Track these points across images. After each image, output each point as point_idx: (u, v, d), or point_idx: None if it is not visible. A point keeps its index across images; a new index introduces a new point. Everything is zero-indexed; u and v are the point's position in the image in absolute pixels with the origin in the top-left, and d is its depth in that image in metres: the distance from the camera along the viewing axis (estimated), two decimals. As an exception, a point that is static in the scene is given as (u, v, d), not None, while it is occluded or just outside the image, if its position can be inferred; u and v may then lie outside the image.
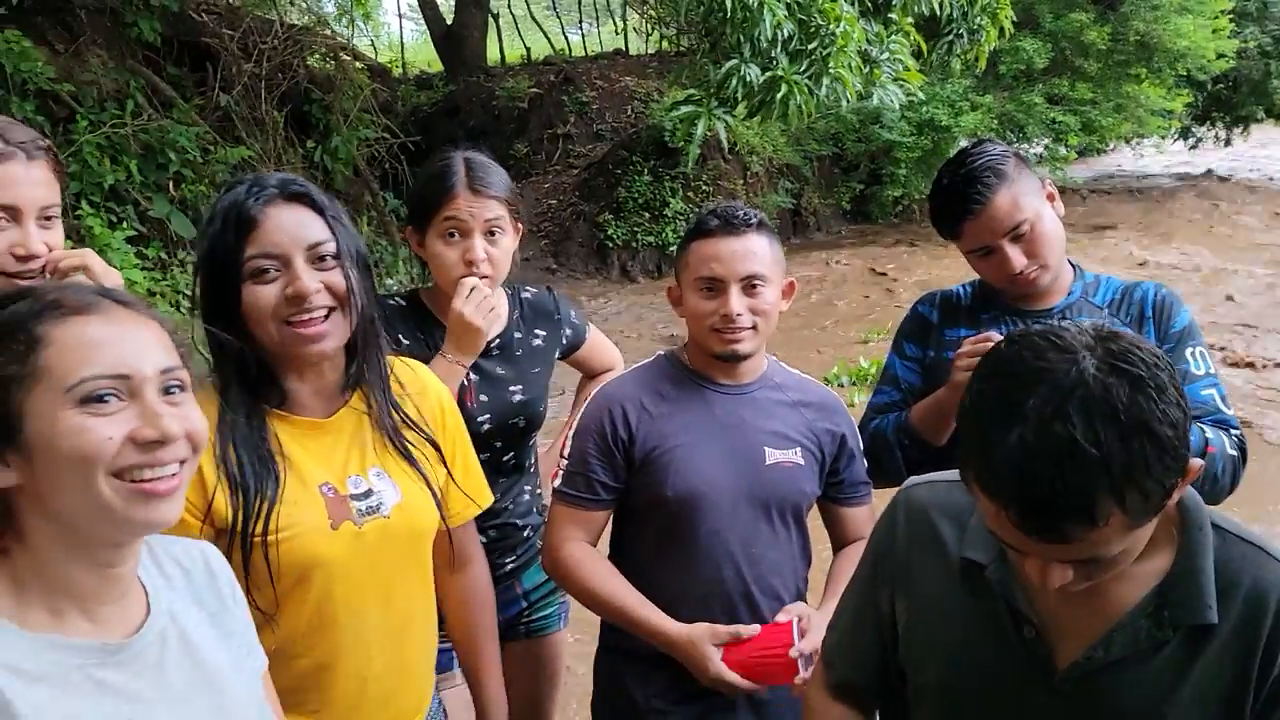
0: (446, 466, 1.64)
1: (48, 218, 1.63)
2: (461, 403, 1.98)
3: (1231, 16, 13.35)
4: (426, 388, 1.67)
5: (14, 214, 1.59)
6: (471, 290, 1.91)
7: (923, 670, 1.25)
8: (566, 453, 1.91)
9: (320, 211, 1.47)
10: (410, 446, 1.57)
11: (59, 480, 0.98)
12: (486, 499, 1.75)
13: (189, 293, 1.55)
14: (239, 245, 1.41)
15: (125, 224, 6.18)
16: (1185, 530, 1.09)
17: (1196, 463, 0.97)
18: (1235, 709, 1.06)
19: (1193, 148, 18.37)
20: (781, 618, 1.76)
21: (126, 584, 1.09)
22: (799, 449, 1.88)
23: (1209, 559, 1.07)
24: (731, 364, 1.87)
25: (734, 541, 1.82)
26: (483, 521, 1.96)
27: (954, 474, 1.22)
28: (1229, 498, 1.81)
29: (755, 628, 1.73)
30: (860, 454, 1.98)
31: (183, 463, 1.02)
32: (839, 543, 2.01)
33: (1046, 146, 13.07)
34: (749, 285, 1.79)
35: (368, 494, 1.50)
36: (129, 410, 0.98)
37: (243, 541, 1.38)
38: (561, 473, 1.90)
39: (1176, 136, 16.85)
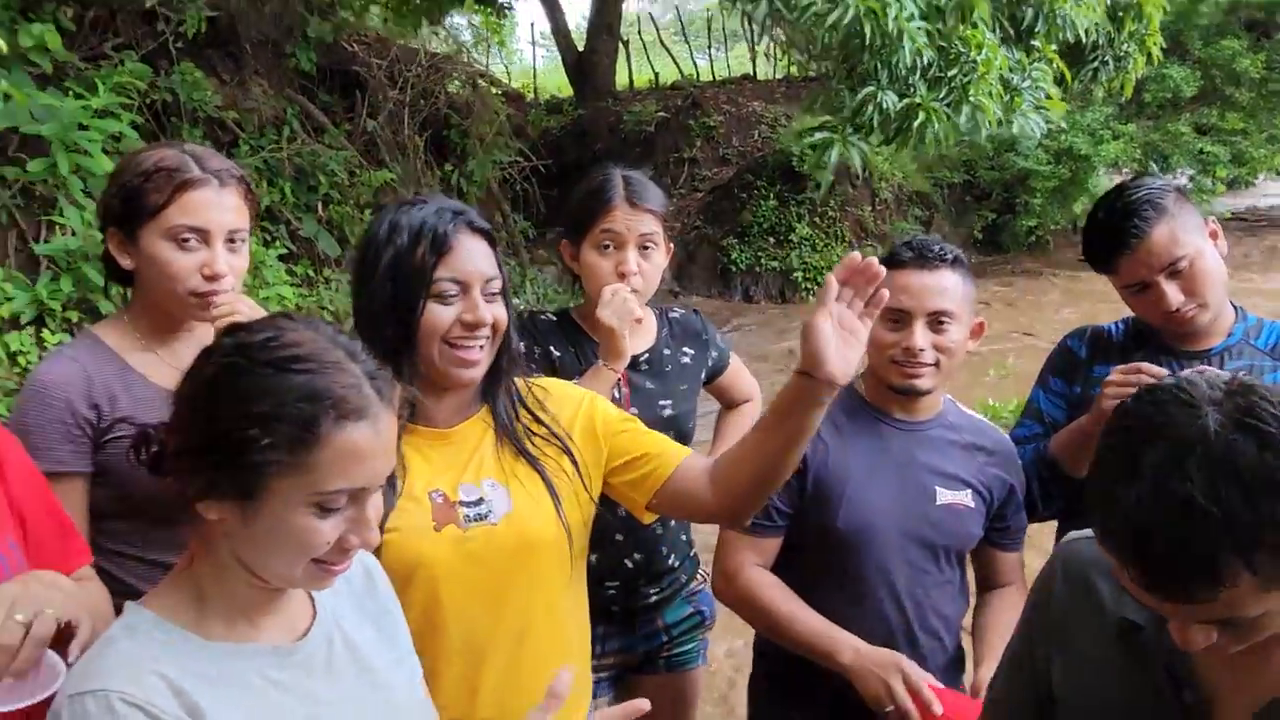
0: (585, 471, 1.59)
1: (234, 241, 1.71)
2: None
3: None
4: (565, 399, 1.66)
5: (204, 236, 1.65)
6: (614, 294, 1.93)
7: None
8: None
9: (493, 246, 1.53)
10: (542, 457, 1.56)
11: (270, 551, 1.05)
12: (683, 452, 1.65)
13: (332, 308, 1.61)
14: (434, 264, 1.45)
15: (278, 242, 6.42)
16: None
17: None
18: None
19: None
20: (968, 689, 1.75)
21: (288, 595, 1.15)
22: (970, 492, 1.86)
23: None
24: (908, 399, 1.85)
25: (899, 578, 1.82)
26: (630, 548, 2.01)
27: None
28: None
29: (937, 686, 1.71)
30: (1019, 497, 1.94)
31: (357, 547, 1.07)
32: (987, 584, 1.99)
33: (1192, 178, 12.53)
34: (936, 321, 1.78)
35: (478, 502, 1.51)
36: (354, 511, 1.04)
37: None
38: None
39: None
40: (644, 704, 1.16)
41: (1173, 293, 1.84)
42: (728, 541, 1.90)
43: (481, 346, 1.49)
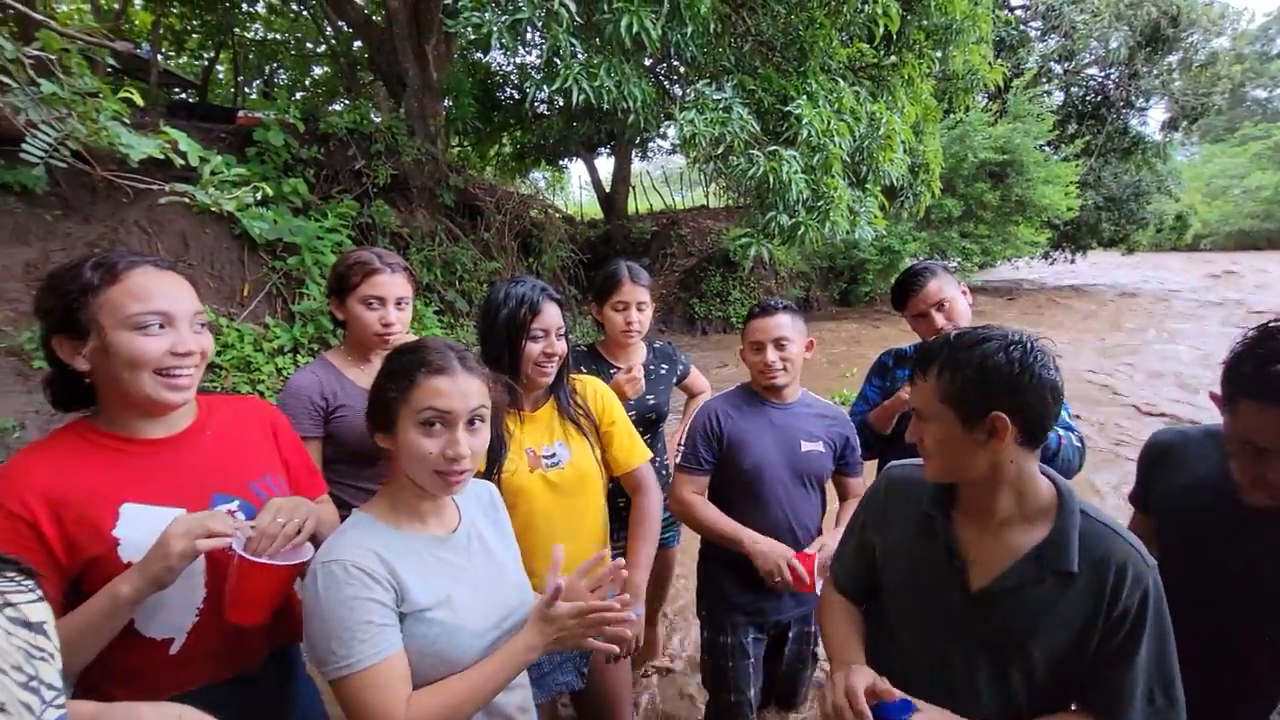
0: (600, 433, 1.63)
1: (401, 304, 1.69)
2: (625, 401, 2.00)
3: (1077, 185, 12.62)
4: (589, 387, 1.68)
5: (382, 302, 1.65)
6: (635, 382, 1.98)
7: (890, 579, 1.21)
8: (682, 441, 1.92)
9: (561, 308, 1.54)
10: (584, 425, 1.60)
11: (409, 464, 1.04)
12: (643, 455, 1.69)
13: (464, 342, 1.61)
14: (530, 320, 1.48)
15: (433, 304, 6.45)
16: (1061, 509, 1.04)
17: None
18: (1085, 634, 1.01)
19: (1051, 264, 17.39)
20: (812, 548, 1.75)
21: (444, 504, 1.13)
22: (821, 442, 1.86)
23: (1075, 530, 1.01)
24: (774, 392, 1.86)
25: (782, 497, 1.81)
26: None
27: (916, 460, 1.19)
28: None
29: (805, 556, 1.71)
30: (858, 446, 1.94)
31: (470, 470, 1.05)
32: (842, 497, 1.98)
33: (959, 263, 12.51)
34: (778, 343, 1.79)
35: (552, 455, 1.52)
36: (447, 435, 1.02)
37: (487, 479, 1.40)
38: (680, 452, 1.90)
39: (1040, 257, 15.89)
40: (622, 562, 1.14)
41: (939, 319, 1.87)
42: (675, 479, 1.91)
43: (553, 366, 1.53)
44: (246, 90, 10.37)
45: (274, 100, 6.06)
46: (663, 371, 2.21)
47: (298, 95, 10.80)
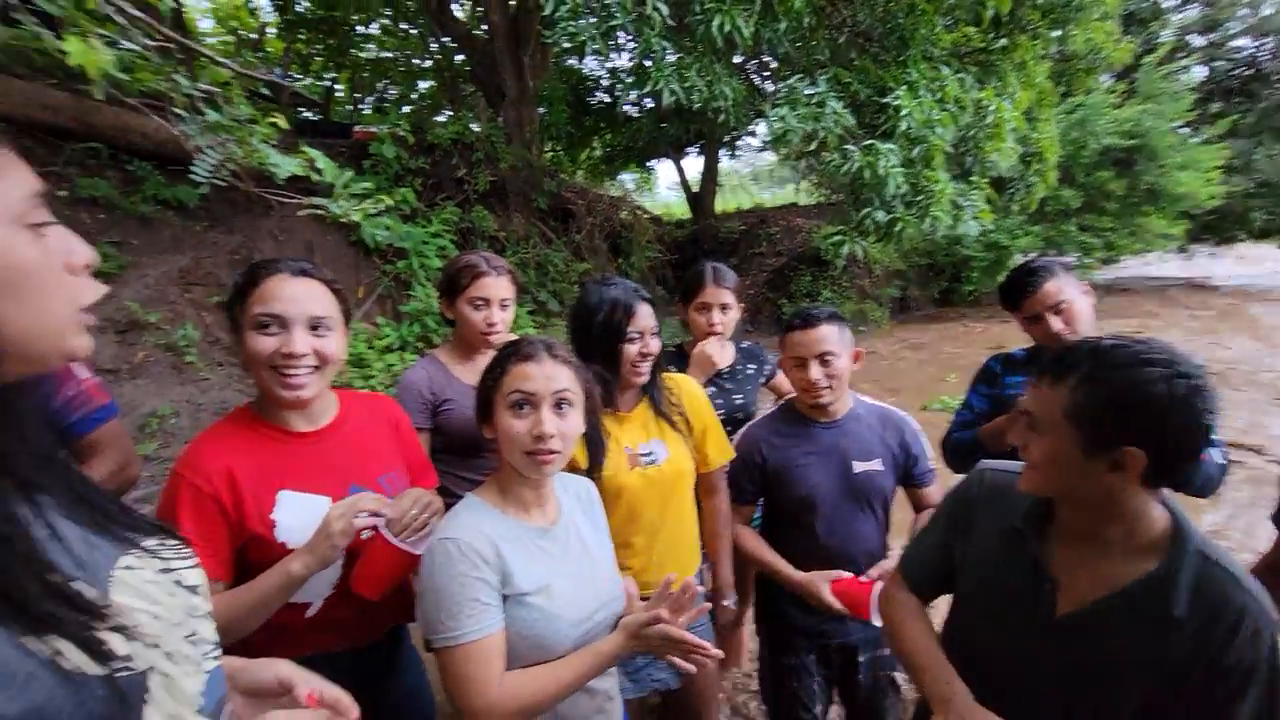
0: (692, 434, 1.63)
1: (505, 305, 1.76)
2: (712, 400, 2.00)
3: (1221, 169, 11.30)
4: (681, 386, 1.67)
5: (488, 303, 1.72)
6: (717, 345, 1.99)
7: (967, 586, 1.13)
8: (726, 469, 1.81)
9: (653, 307, 1.56)
10: (675, 422, 1.60)
11: (505, 448, 1.10)
12: (726, 455, 1.70)
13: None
14: (626, 322, 1.50)
15: (525, 304, 6.67)
16: (1175, 545, 0.91)
17: None
18: (1182, 686, 0.89)
19: (1189, 258, 15.66)
20: (874, 573, 1.62)
21: (546, 496, 1.17)
22: (878, 459, 1.71)
23: (1187, 570, 0.89)
24: (820, 410, 1.71)
25: (838, 524, 1.69)
26: None
27: (1013, 465, 1.10)
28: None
29: (844, 574, 1.61)
30: (923, 452, 1.77)
31: (559, 451, 1.08)
32: (917, 509, 1.81)
33: (1077, 258, 11.55)
34: (823, 359, 1.63)
35: (649, 453, 1.53)
36: (533, 416, 1.07)
37: (590, 476, 1.43)
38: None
39: (1175, 251, 14.36)
40: (692, 580, 1.15)
41: (1056, 323, 1.71)
42: None
43: (647, 366, 1.55)
44: (361, 106, 11.20)
45: (386, 115, 6.53)
46: (749, 371, 2.20)
47: (406, 109, 11.55)
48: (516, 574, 1.06)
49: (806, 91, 4.48)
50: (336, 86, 11.27)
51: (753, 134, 10.30)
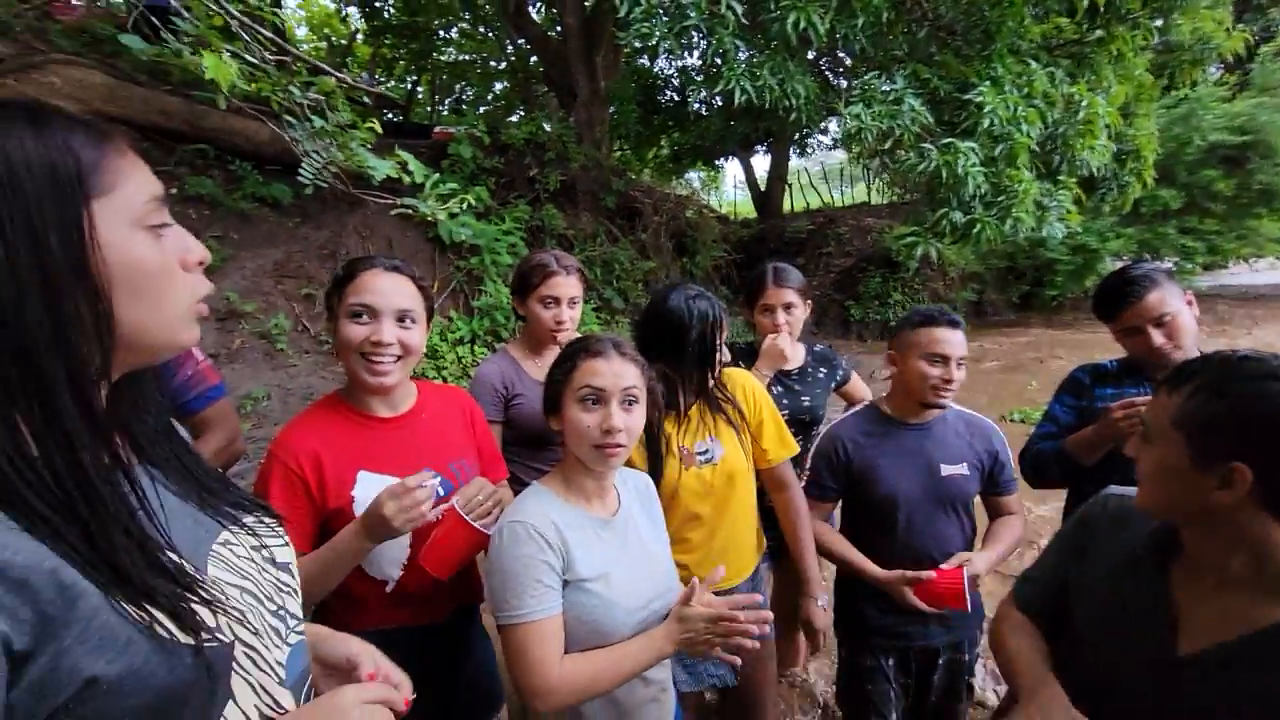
0: (748, 429, 1.63)
1: (573, 303, 1.81)
2: (778, 400, 1.99)
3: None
4: (735, 384, 1.67)
5: (557, 301, 1.77)
6: (786, 339, 1.98)
7: (1081, 615, 1.07)
8: (809, 465, 1.82)
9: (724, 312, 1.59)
10: (735, 419, 1.60)
11: (572, 440, 1.14)
12: (790, 450, 1.69)
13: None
14: (714, 336, 1.54)
15: (591, 301, 6.76)
16: None
17: None
18: None
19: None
20: (953, 562, 1.63)
21: (607, 488, 1.22)
22: (965, 464, 1.71)
23: None
24: (920, 411, 1.72)
25: (922, 526, 1.70)
26: None
27: (1132, 490, 1.03)
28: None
29: (931, 573, 1.60)
30: (1008, 461, 1.77)
31: (625, 445, 1.11)
32: (994, 515, 1.81)
33: (1176, 264, 10.75)
34: (959, 363, 1.66)
35: (705, 451, 1.54)
36: (602, 410, 1.11)
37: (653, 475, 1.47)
38: (805, 477, 1.82)
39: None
40: (758, 598, 1.15)
41: (1158, 337, 1.62)
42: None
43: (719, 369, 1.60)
44: (440, 108, 11.66)
45: (464, 116, 6.79)
46: (820, 375, 2.17)
47: (482, 110, 11.93)
48: (578, 560, 1.10)
49: (883, 88, 4.37)
50: (418, 89, 11.77)
51: (824, 132, 10.07)
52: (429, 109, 11.13)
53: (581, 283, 1.85)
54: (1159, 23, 5.45)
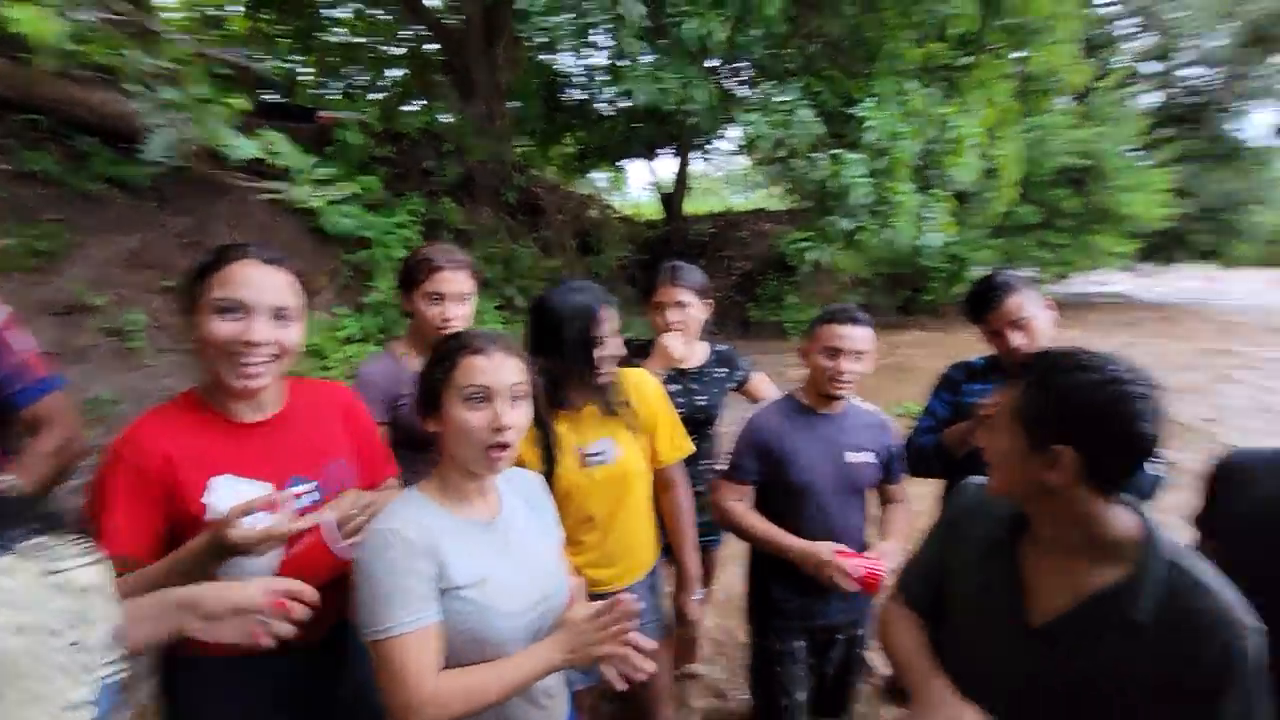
0: (643, 429, 1.64)
1: (463, 299, 1.73)
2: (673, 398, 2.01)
3: (1169, 193, 11.85)
4: (632, 381, 1.67)
5: (443, 298, 1.69)
6: (678, 339, 1.99)
7: (953, 599, 1.15)
8: (730, 450, 1.90)
9: (616, 307, 1.57)
10: (625, 419, 1.59)
11: (457, 442, 1.09)
12: (682, 451, 1.73)
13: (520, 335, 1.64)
14: (594, 328, 1.51)
15: (492, 299, 6.58)
16: (1145, 553, 0.93)
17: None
18: (1156, 699, 0.90)
19: (1137, 276, 16.40)
20: (873, 553, 1.72)
21: (488, 490, 1.17)
22: (869, 452, 1.83)
23: (1154, 578, 0.91)
24: (829, 401, 1.83)
25: (832, 508, 1.80)
26: None
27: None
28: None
29: (857, 561, 1.68)
30: (900, 452, 1.91)
31: (511, 444, 1.08)
32: (886, 501, 1.95)
33: (1032, 273, 11.95)
34: (857, 356, 1.75)
35: (600, 452, 1.54)
36: (490, 409, 1.07)
37: (547, 476, 1.44)
38: (728, 462, 1.89)
39: (1124, 269, 15.01)
40: (630, 597, 1.11)
41: (1016, 338, 1.78)
42: (717, 485, 1.91)
43: (611, 367, 1.57)
44: (327, 91, 10.92)
45: (353, 101, 6.39)
46: (719, 375, 2.20)
47: (374, 96, 11.29)
48: (452, 566, 1.04)
49: (778, 98, 4.55)
50: (302, 70, 10.97)
51: (725, 138, 10.37)
52: (314, 92, 10.39)
53: (473, 279, 1.78)
54: (1019, 55, 6.04)
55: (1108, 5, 13.89)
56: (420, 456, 1.69)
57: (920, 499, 2.06)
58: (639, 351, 2.11)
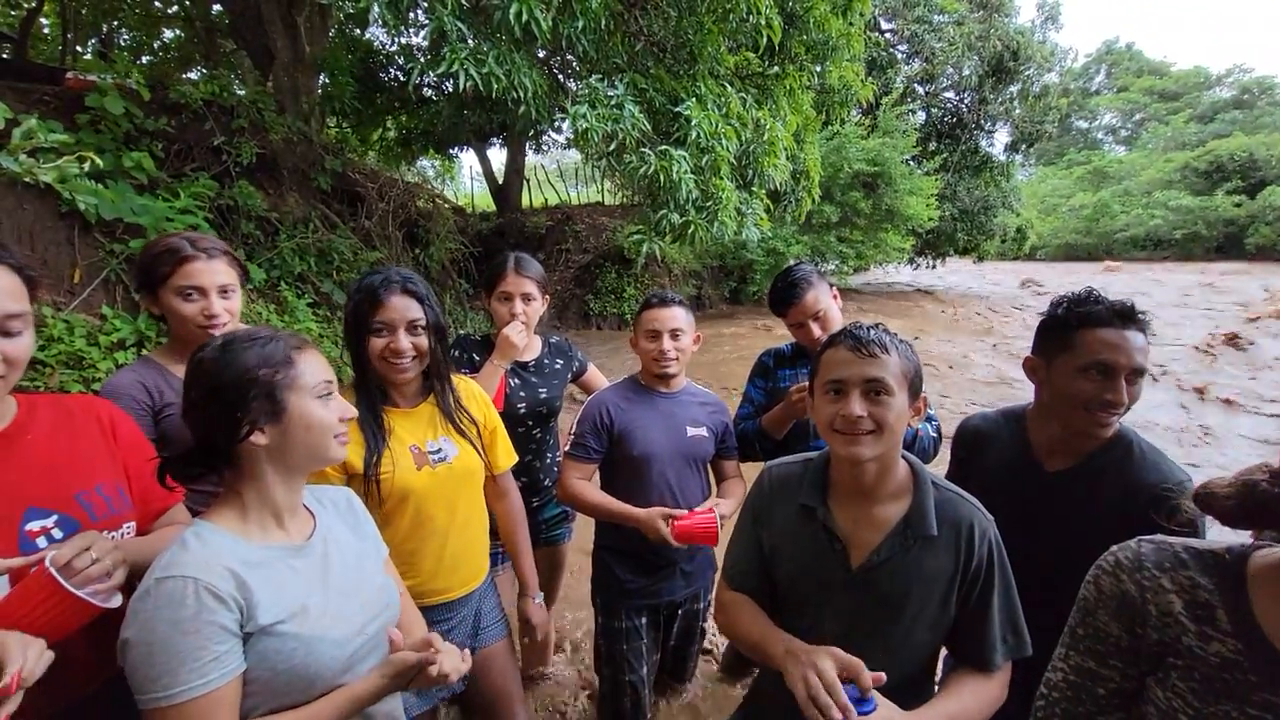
0: (481, 435, 1.60)
1: (225, 293, 1.53)
2: (509, 397, 1.99)
3: (936, 197, 13.86)
4: (463, 391, 1.62)
5: (201, 291, 1.48)
6: (519, 327, 1.95)
7: (779, 569, 1.26)
8: (573, 430, 1.94)
9: (421, 300, 1.44)
10: (462, 424, 1.54)
11: (303, 438, 0.99)
12: (513, 459, 1.72)
13: (343, 337, 1.52)
14: (370, 314, 1.40)
15: (306, 296, 5.95)
16: (917, 485, 1.16)
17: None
18: (950, 590, 1.12)
19: (915, 269, 19.01)
20: (703, 507, 1.83)
21: (297, 509, 1.07)
22: (705, 428, 1.95)
23: (931, 500, 1.14)
24: (664, 380, 1.94)
25: (673, 480, 1.89)
26: (519, 473, 1.97)
27: (795, 457, 1.33)
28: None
29: (686, 511, 1.78)
30: (733, 431, 2.05)
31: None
32: (721, 477, 2.07)
33: (836, 265, 13.36)
34: (674, 334, 1.89)
35: (438, 450, 1.48)
36: (334, 401, 1.02)
37: (366, 479, 1.36)
38: (570, 441, 1.92)
39: (906, 262, 17.32)
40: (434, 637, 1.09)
41: (815, 330, 1.98)
42: (563, 465, 1.95)
43: (408, 363, 1.44)
44: (79, 50, 9.11)
45: (112, 63, 5.33)
46: (557, 366, 2.18)
47: (145, 60, 9.64)
48: (262, 604, 0.92)
49: (607, 92, 4.57)
50: (43, 21, 9.04)
51: (557, 130, 10.30)
52: (61, 50, 8.61)
53: (234, 267, 1.58)
54: (818, 68, 6.65)
55: (888, 30, 15.89)
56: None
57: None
58: (474, 347, 2.04)
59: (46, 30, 9.26)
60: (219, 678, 0.87)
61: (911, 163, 13.99)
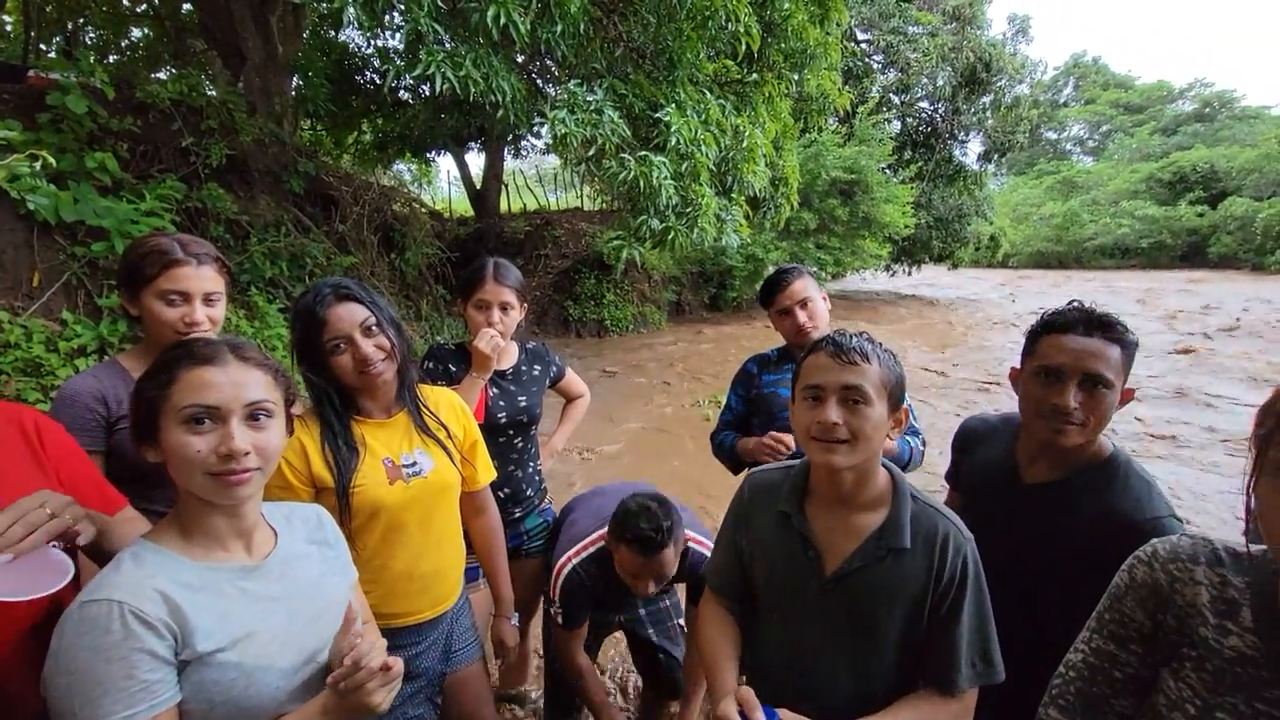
0: (458, 448, 1.55)
1: (211, 300, 1.48)
2: (489, 407, 1.93)
3: (912, 205, 14.06)
4: (441, 402, 1.57)
5: (186, 297, 1.43)
6: (489, 337, 1.86)
7: (756, 575, 1.25)
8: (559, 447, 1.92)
9: (360, 301, 1.37)
10: (436, 433, 1.49)
11: (179, 472, 0.90)
12: (492, 474, 1.68)
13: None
14: (320, 335, 1.34)
15: (277, 301, 5.80)
16: (896, 496, 1.14)
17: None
18: (921, 600, 1.10)
19: (891, 275, 19.26)
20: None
21: (251, 527, 0.98)
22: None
23: (907, 513, 1.11)
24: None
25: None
26: (501, 483, 1.92)
27: (778, 464, 1.33)
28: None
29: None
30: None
31: (257, 468, 0.91)
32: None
33: (814, 271, 13.48)
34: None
35: (413, 464, 1.42)
36: (219, 432, 0.88)
37: (339, 493, 1.30)
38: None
39: (882, 269, 17.53)
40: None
41: (802, 316, 1.98)
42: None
43: (379, 368, 1.38)
44: (43, 47, 8.85)
45: (76, 61, 5.17)
46: (535, 373, 2.13)
47: (111, 59, 9.39)
48: (200, 630, 0.86)
49: (586, 98, 4.54)
50: (4, 17, 8.78)
51: (536, 135, 10.25)
52: (24, 47, 8.35)
53: (222, 274, 1.52)
54: (796, 76, 6.70)
55: (864, 41, 16.13)
56: (151, 493, 1.37)
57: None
58: (449, 356, 1.98)
59: (9, 28, 8.99)
60: (147, 710, 0.80)
61: (888, 171, 14.20)
